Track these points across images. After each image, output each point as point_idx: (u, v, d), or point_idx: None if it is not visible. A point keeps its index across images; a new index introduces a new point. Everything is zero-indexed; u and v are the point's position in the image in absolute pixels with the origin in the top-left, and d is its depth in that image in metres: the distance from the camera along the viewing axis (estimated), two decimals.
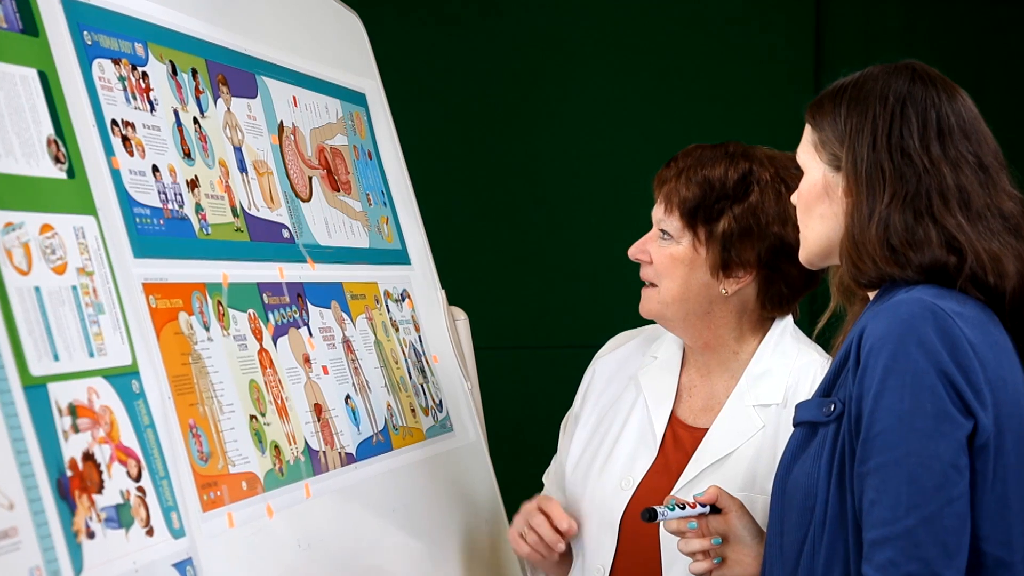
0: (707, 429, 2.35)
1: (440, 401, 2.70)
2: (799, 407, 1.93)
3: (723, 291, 2.34)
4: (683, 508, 2.10)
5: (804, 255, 1.97)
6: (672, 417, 2.40)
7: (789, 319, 2.40)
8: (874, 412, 1.77)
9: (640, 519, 2.12)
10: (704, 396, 2.41)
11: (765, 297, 2.36)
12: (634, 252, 2.40)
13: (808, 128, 1.95)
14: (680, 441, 2.37)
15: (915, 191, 1.83)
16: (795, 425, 1.93)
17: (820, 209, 1.92)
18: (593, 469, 2.43)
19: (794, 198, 1.99)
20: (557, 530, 2.37)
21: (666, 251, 2.36)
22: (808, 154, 1.94)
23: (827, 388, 1.88)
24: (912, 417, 1.75)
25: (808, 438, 1.89)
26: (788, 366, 2.34)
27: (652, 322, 2.50)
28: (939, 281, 1.83)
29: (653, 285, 2.39)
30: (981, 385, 1.77)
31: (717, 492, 2.11)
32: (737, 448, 2.31)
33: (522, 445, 3.97)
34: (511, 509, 2.86)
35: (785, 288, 2.35)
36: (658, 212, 2.39)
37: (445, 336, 2.81)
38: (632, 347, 2.53)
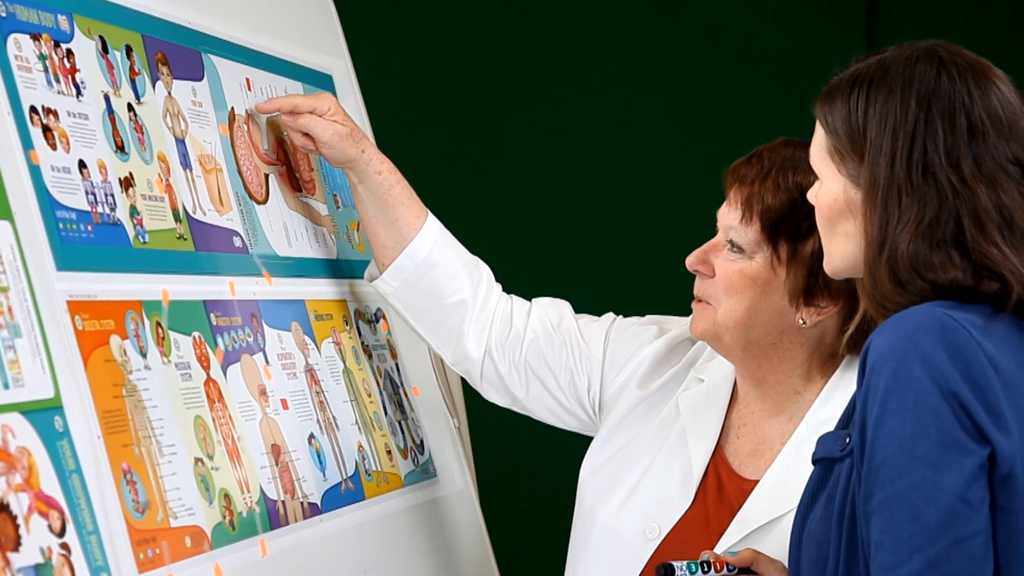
0: (756, 481, 2.33)
1: (421, 441, 2.70)
2: (819, 441, 1.94)
3: (800, 321, 2.31)
4: (707, 570, 2.09)
5: (828, 269, 1.97)
6: (717, 456, 2.37)
7: None
8: (875, 440, 1.78)
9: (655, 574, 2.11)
10: (754, 440, 2.38)
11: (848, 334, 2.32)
12: (693, 263, 2.36)
13: (821, 130, 1.93)
14: (724, 490, 2.35)
15: (935, 217, 1.83)
16: (813, 463, 1.93)
17: (845, 227, 1.92)
18: (610, 498, 2.39)
19: (811, 196, 1.97)
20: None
21: (735, 266, 2.32)
22: (823, 161, 1.93)
23: (847, 418, 1.89)
24: (914, 444, 1.75)
25: (825, 478, 1.90)
26: None
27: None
28: (963, 299, 1.83)
29: (708, 303, 2.35)
30: (1002, 408, 1.77)
31: (754, 556, 2.11)
32: (793, 509, 2.28)
33: (518, 494, 3.98)
34: (505, 569, 2.87)
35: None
36: (730, 217, 2.34)
37: (427, 364, 2.82)
38: (680, 367, 2.48)
